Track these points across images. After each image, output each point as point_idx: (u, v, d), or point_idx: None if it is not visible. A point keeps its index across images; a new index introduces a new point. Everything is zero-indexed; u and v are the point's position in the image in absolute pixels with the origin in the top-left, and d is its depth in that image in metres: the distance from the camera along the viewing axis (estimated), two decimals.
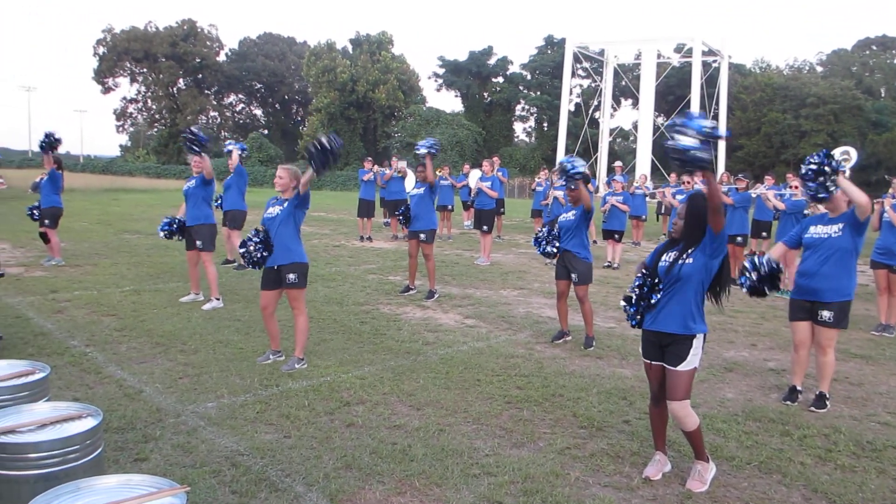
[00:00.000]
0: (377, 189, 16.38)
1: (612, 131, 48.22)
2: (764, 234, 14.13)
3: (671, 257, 3.92)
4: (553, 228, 7.11)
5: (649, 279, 3.98)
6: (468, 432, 4.63)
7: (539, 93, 57.51)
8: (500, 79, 59.24)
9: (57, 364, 5.71)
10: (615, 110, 56.32)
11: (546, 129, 58.04)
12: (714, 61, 42.46)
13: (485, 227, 12.91)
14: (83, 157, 71.77)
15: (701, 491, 3.88)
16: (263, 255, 5.79)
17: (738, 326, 8.06)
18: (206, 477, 3.84)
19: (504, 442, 4.50)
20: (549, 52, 57.99)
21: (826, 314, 5.17)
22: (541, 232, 7.22)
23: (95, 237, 14.57)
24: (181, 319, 7.49)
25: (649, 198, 18.05)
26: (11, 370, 3.55)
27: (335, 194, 40.52)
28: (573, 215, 6.89)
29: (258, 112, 73.79)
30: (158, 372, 5.69)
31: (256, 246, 5.75)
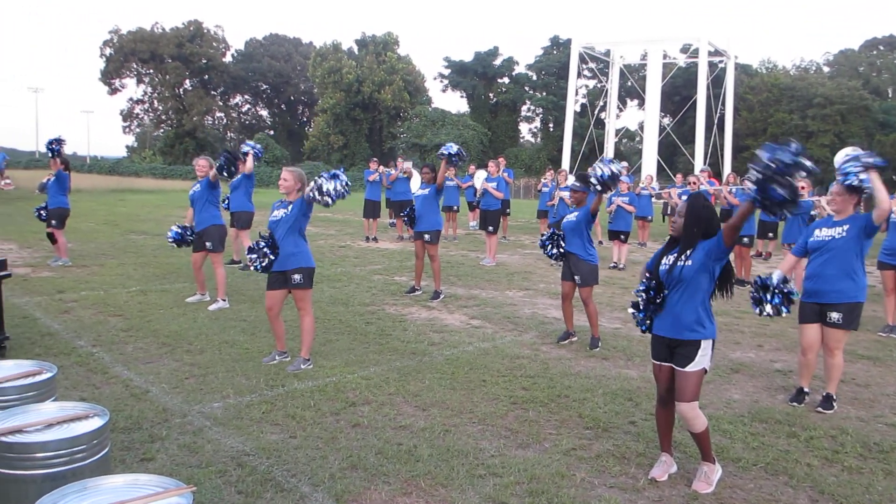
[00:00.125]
0: (383, 190, 16.39)
1: (618, 132, 48.15)
2: (770, 235, 14.14)
3: (670, 260, 3.92)
4: (556, 231, 7.11)
5: (654, 283, 3.97)
6: (474, 433, 4.63)
7: (545, 93, 57.47)
8: (506, 79, 59.21)
9: (64, 364, 5.73)
10: (621, 111, 56.30)
11: (552, 130, 58.01)
12: (720, 62, 42.36)
13: (490, 228, 12.90)
14: (90, 158, 72.01)
15: (707, 492, 3.87)
16: (271, 260, 5.80)
17: (745, 327, 8.03)
18: (212, 477, 3.85)
19: (509, 443, 4.50)
20: (555, 53, 57.96)
21: (835, 315, 5.15)
22: (545, 235, 7.22)
23: (102, 238, 14.63)
24: (187, 320, 7.51)
25: (655, 198, 18.03)
26: (18, 370, 3.57)
27: None
28: (576, 217, 6.89)
29: (264, 113, 73.96)
30: (165, 372, 5.71)
31: (263, 251, 5.77)
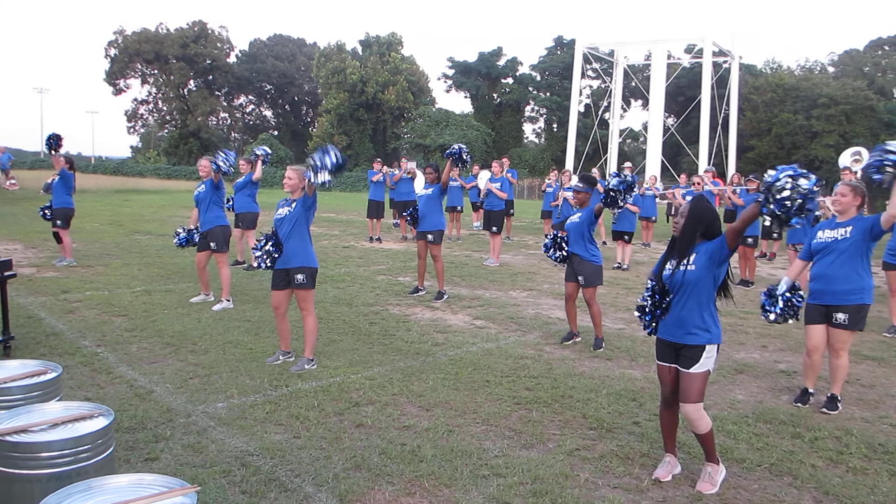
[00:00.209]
0: (386, 190, 16.40)
1: (622, 132, 48.12)
2: (774, 236, 14.10)
3: (674, 264, 3.92)
4: (559, 234, 7.11)
5: (658, 288, 3.97)
6: (477, 433, 4.63)
7: (549, 94, 57.42)
8: (510, 80, 59.15)
9: (68, 364, 5.75)
10: (625, 111, 56.19)
11: (556, 131, 57.95)
12: (724, 62, 42.26)
13: (494, 228, 12.89)
14: (94, 159, 72.17)
15: (711, 493, 3.87)
16: (275, 258, 5.82)
17: (749, 328, 8.02)
18: (217, 477, 3.86)
19: (513, 443, 4.49)
20: (559, 53, 57.91)
21: (840, 316, 5.15)
22: (548, 239, 7.21)
23: (107, 238, 14.66)
24: (191, 320, 7.53)
25: (659, 199, 17.99)
26: (24, 370, 3.58)
27: (345, 195, 40.59)
28: (579, 218, 6.89)
29: (268, 113, 74.08)
30: (169, 372, 5.72)
31: (267, 248, 5.79)
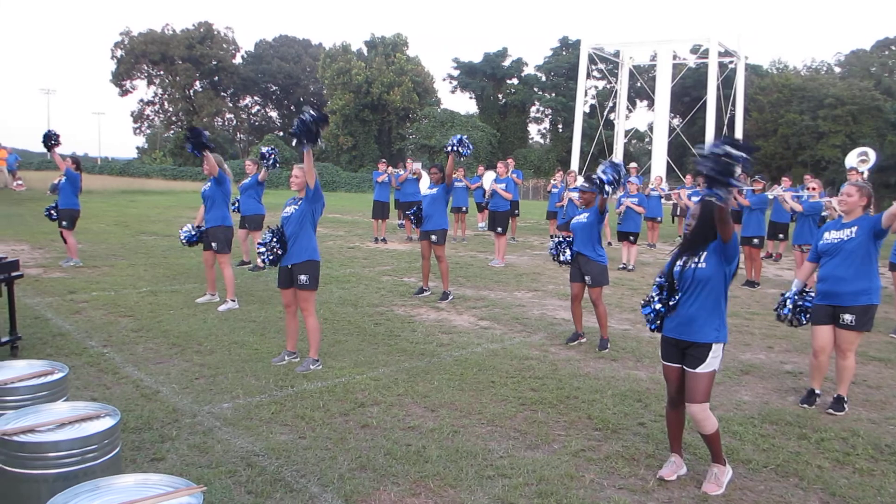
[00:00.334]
0: (392, 191, 16.42)
1: (628, 133, 48.07)
2: (780, 236, 14.06)
3: (684, 261, 3.92)
4: (563, 237, 7.11)
5: (667, 284, 3.97)
6: (482, 434, 4.63)
7: (554, 94, 57.43)
8: (515, 80, 59.18)
9: (75, 364, 5.77)
10: (630, 112, 56.17)
11: (561, 131, 57.94)
12: (730, 62, 42.21)
13: (499, 229, 12.88)
14: (101, 159, 72.36)
15: (717, 494, 3.86)
16: (279, 254, 5.83)
17: (755, 329, 8.00)
18: (222, 477, 3.87)
19: (518, 444, 4.49)
20: (564, 54, 57.90)
21: (847, 317, 5.13)
22: (553, 243, 7.20)
23: (113, 239, 14.71)
24: (197, 320, 7.54)
25: (665, 199, 17.97)
26: (31, 370, 3.60)
27: (350, 196, 40.65)
28: (586, 218, 6.89)
29: (273, 114, 74.20)
30: (175, 372, 5.74)
31: (272, 244, 5.81)
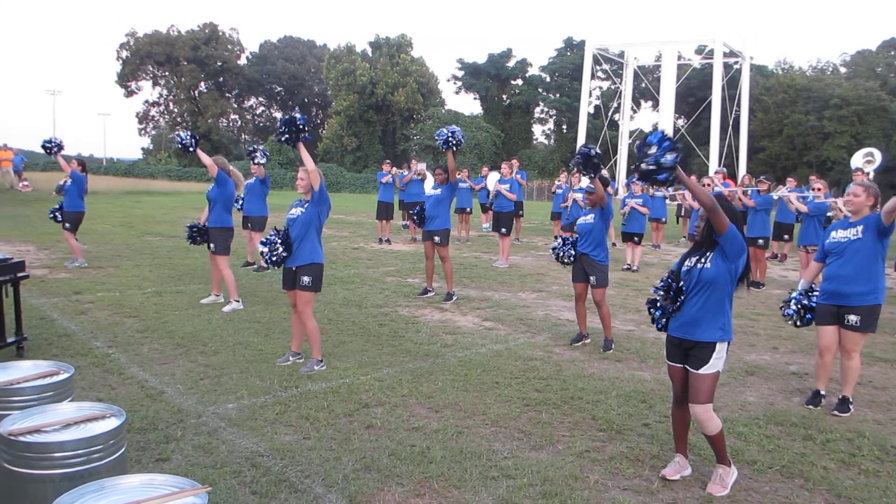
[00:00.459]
0: (396, 192, 16.43)
1: (632, 133, 47.91)
2: (786, 237, 14.03)
3: (692, 262, 3.91)
4: (567, 239, 7.10)
5: (674, 283, 3.96)
6: (487, 435, 4.63)
7: (558, 95, 57.35)
8: (519, 81, 59.11)
9: (80, 365, 5.79)
10: (635, 112, 56.00)
11: (565, 132, 57.85)
12: (735, 62, 42.09)
13: (503, 230, 12.88)
14: (106, 160, 72.56)
15: (722, 495, 3.85)
16: (283, 256, 5.84)
17: (760, 329, 7.98)
18: (227, 477, 3.88)
19: (523, 444, 4.49)
20: (569, 55, 57.81)
21: (853, 318, 5.11)
22: (557, 244, 7.19)
23: (118, 239, 14.74)
24: (202, 321, 7.56)
25: (669, 200, 17.92)
26: (36, 371, 3.61)
27: (354, 196, 40.68)
28: (592, 218, 6.88)
29: (278, 115, 74.15)
30: (180, 373, 5.75)
31: (276, 245, 5.82)
